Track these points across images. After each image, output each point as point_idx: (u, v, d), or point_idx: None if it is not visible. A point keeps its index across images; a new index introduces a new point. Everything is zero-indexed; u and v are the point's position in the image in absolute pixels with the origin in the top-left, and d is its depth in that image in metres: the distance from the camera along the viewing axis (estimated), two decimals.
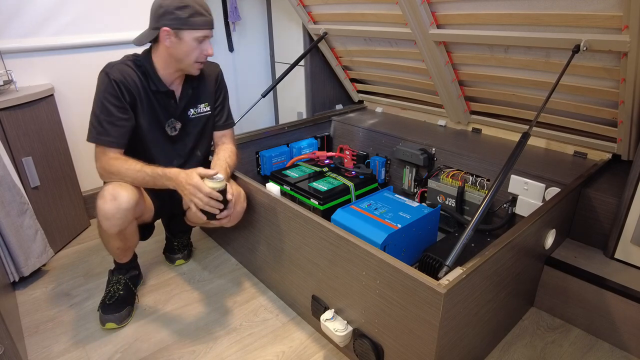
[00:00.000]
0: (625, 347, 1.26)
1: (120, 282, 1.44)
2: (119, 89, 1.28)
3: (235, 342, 1.33)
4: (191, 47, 1.29)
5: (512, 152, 1.21)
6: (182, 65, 1.33)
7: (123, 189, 1.27)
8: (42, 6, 1.76)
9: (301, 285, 1.35)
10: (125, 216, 1.28)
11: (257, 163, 2.06)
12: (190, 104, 1.46)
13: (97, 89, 1.29)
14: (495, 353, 1.26)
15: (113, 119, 1.28)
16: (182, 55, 1.30)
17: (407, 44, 1.86)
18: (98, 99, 1.28)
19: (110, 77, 1.27)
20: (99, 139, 1.28)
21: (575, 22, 1.29)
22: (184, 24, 1.25)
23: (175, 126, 1.44)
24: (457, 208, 1.73)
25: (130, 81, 1.30)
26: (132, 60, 1.34)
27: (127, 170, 1.27)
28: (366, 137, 2.13)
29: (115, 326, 1.38)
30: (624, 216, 1.32)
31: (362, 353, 1.14)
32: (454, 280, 0.91)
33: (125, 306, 1.41)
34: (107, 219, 1.26)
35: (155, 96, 1.37)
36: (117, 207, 1.25)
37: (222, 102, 1.54)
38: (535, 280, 1.38)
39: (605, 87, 1.43)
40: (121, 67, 1.30)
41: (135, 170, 1.27)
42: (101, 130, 1.28)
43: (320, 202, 1.68)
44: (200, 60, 1.33)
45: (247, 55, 2.58)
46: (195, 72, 1.37)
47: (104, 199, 1.25)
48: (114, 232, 1.29)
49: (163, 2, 1.25)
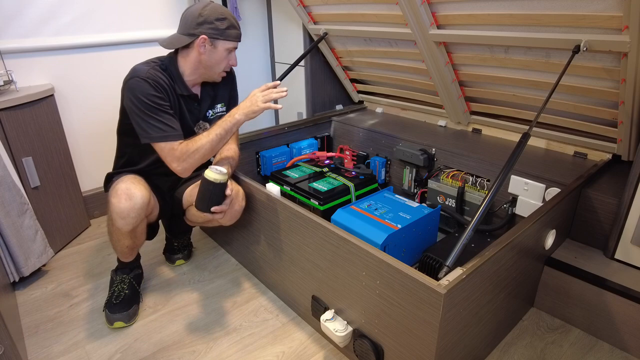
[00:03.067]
0: (625, 347, 1.26)
1: (124, 281, 1.45)
2: (160, 89, 1.30)
3: (235, 342, 1.33)
4: (222, 56, 1.37)
5: (512, 153, 1.21)
6: (210, 72, 1.40)
7: (136, 188, 1.29)
8: (42, 6, 1.76)
9: (301, 286, 1.35)
10: (139, 214, 1.31)
11: (257, 163, 2.07)
12: (210, 105, 1.51)
13: (138, 95, 1.26)
14: (495, 353, 1.26)
15: (167, 115, 1.30)
16: (212, 63, 1.37)
17: (407, 45, 1.86)
18: (143, 103, 1.26)
19: (149, 80, 1.28)
20: (167, 137, 1.28)
21: (575, 22, 1.29)
22: (221, 35, 1.33)
23: (206, 127, 1.47)
24: (457, 208, 1.73)
25: (163, 83, 1.33)
26: (157, 65, 1.35)
27: (201, 141, 1.29)
28: (366, 137, 2.13)
29: (124, 325, 1.39)
30: (624, 217, 1.32)
31: (362, 353, 1.14)
32: (454, 280, 0.91)
33: (132, 305, 1.43)
34: (122, 217, 1.27)
35: (182, 99, 1.40)
36: (132, 205, 1.27)
37: (234, 102, 1.58)
38: (535, 280, 1.38)
39: (606, 88, 1.43)
40: (152, 72, 1.31)
41: (209, 138, 1.30)
42: (167, 128, 1.28)
43: (320, 202, 1.68)
44: (227, 70, 1.43)
45: (247, 55, 2.58)
46: (218, 79, 1.45)
47: (118, 198, 1.26)
48: (127, 230, 1.31)
49: (203, 11, 1.30)
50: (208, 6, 1.32)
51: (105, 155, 2.06)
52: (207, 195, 1.24)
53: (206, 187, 1.23)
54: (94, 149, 2.04)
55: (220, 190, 1.24)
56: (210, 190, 1.23)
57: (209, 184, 1.22)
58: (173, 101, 1.37)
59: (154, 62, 1.36)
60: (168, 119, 1.30)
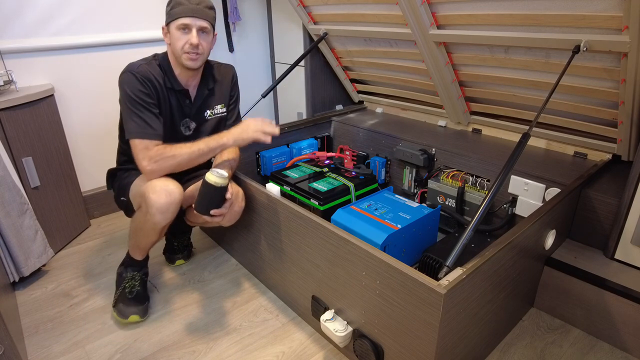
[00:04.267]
0: (625, 347, 1.26)
1: (135, 278, 1.45)
2: (147, 86, 1.31)
3: (235, 342, 1.33)
4: (175, 37, 1.32)
5: (512, 153, 1.21)
6: (177, 59, 1.36)
7: (172, 183, 1.29)
8: (42, 6, 1.77)
9: (301, 286, 1.35)
10: (176, 209, 1.31)
11: (257, 163, 2.06)
12: (207, 104, 1.49)
13: (125, 89, 1.29)
14: (495, 353, 1.26)
15: (149, 113, 1.30)
16: (173, 48, 1.35)
17: (407, 45, 1.86)
18: (129, 97, 1.29)
19: (137, 75, 1.29)
20: (144, 134, 1.28)
21: (575, 22, 1.29)
22: (169, 17, 1.32)
23: (190, 126, 1.47)
24: (457, 208, 1.73)
25: (154, 79, 1.33)
26: (153, 60, 1.37)
27: (181, 150, 1.29)
28: (366, 137, 2.13)
29: (139, 319, 1.40)
30: (624, 217, 1.32)
31: (362, 353, 1.14)
32: (454, 280, 0.91)
33: (145, 301, 1.44)
34: (162, 212, 1.27)
35: (173, 94, 1.40)
36: (172, 200, 1.27)
37: (234, 103, 1.58)
38: (535, 280, 1.38)
39: (605, 88, 1.43)
40: (143, 67, 1.33)
41: (190, 149, 1.29)
42: (143, 125, 1.29)
43: (320, 202, 1.68)
44: (187, 50, 1.31)
45: (248, 56, 2.58)
46: (187, 63, 1.34)
47: (157, 194, 1.25)
48: (163, 225, 1.32)
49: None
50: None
51: (105, 155, 2.06)
52: (207, 198, 1.24)
53: (206, 190, 1.23)
54: (94, 149, 2.04)
55: (220, 194, 1.24)
56: (211, 194, 1.23)
57: (209, 187, 1.22)
58: (163, 96, 1.37)
59: (150, 57, 1.38)
60: (149, 117, 1.30)
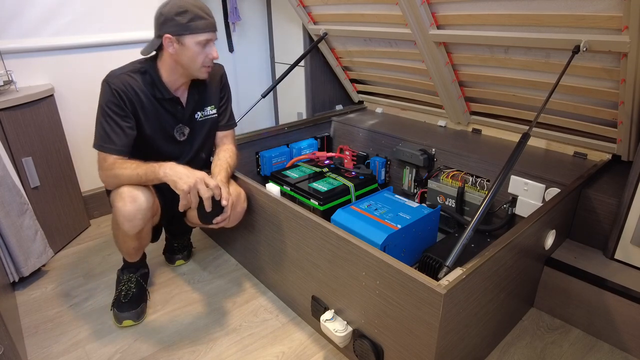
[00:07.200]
0: (625, 347, 1.26)
1: (131, 280, 1.45)
2: (120, 97, 1.28)
3: (235, 342, 1.33)
4: (195, 52, 1.28)
5: (512, 153, 1.21)
6: (190, 70, 1.33)
7: (139, 190, 1.28)
8: (42, 6, 1.76)
9: (301, 286, 1.35)
10: (145, 216, 1.30)
11: (257, 163, 2.06)
12: (197, 107, 1.47)
13: (100, 98, 1.29)
14: (495, 354, 1.26)
15: (116, 127, 1.29)
16: (187, 61, 1.30)
17: (407, 45, 1.86)
18: (101, 108, 1.29)
19: (112, 86, 1.27)
20: (102, 147, 1.29)
21: (575, 22, 1.29)
22: (185, 30, 1.25)
23: (184, 131, 1.46)
24: (457, 208, 1.73)
25: (131, 90, 1.30)
26: (136, 69, 1.33)
27: (124, 171, 1.28)
28: (366, 137, 2.13)
29: (133, 323, 1.40)
30: (624, 217, 1.32)
31: (362, 353, 1.14)
32: (454, 280, 0.91)
33: (140, 303, 1.43)
34: (129, 220, 1.26)
35: (162, 103, 1.37)
36: (138, 207, 1.26)
37: (226, 103, 1.55)
38: (535, 280, 1.38)
39: (605, 88, 1.43)
40: (122, 77, 1.30)
41: (132, 172, 1.27)
42: (105, 138, 1.28)
43: (320, 202, 1.68)
44: (207, 64, 1.33)
45: (247, 56, 2.58)
46: (203, 76, 1.36)
47: (123, 202, 1.25)
48: (134, 232, 1.30)
49: (163, 9, 1.26)
50: (169, 3, 1.25)
51: None
52: (203, 211, 1.26)
53: (200, 205, 1.25)
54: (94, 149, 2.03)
55: (215, 204, 1.25)
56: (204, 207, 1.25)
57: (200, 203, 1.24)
58: (149, 106, 1.34)
59: (133, 65, 1.34)
60: (113, 130, 1.28)
